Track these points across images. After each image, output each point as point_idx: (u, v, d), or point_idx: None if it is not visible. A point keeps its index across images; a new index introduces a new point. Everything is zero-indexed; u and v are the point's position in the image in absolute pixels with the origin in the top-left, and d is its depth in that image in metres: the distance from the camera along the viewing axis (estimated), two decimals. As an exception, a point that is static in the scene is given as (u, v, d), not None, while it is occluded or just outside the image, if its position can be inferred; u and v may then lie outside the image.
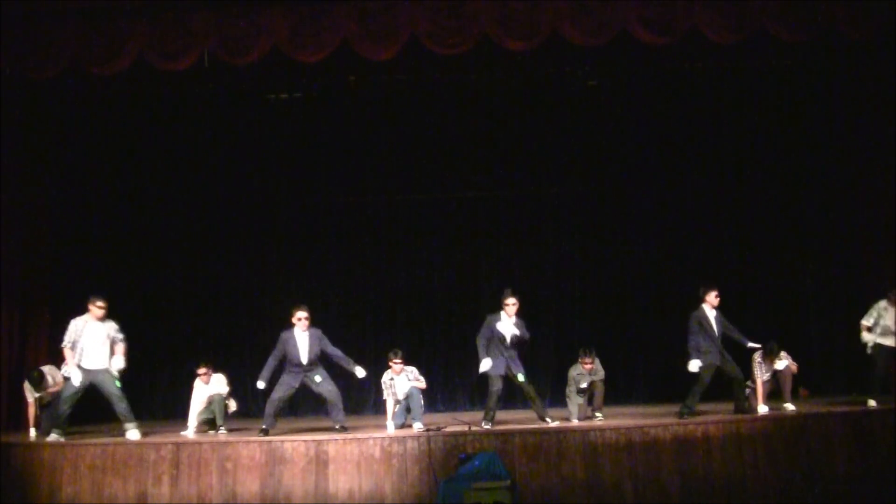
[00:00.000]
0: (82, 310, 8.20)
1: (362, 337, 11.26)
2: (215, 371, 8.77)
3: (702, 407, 8.45)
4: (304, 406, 10.52)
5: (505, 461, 7.21)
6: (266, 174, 11.49)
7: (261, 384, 8.17)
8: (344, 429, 7.98)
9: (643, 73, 10.52)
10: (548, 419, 8.10)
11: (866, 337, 8.66)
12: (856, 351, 8.85)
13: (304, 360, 8.11)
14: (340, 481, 7.43)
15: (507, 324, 8.21)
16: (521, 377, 8.20)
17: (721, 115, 11.13)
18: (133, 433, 7.95)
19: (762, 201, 11.23)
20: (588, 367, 8.56)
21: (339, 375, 11.11)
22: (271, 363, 8.17)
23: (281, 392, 8.16)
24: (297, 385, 8.18)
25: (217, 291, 11.38)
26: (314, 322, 8.40)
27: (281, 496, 7.41)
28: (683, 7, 8.29)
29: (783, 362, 8.44)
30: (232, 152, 11.37)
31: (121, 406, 8.05)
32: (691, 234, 11.29)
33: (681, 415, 8.06)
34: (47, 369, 8.77)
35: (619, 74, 10.69)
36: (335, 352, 8.30)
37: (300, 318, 8.18)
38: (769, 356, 8.47)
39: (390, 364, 8.33)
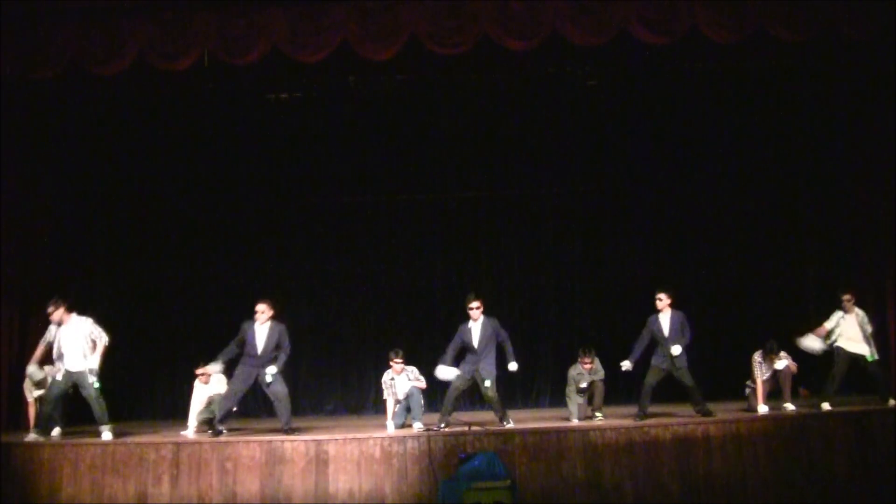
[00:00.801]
0: (81, 310, 8.26)
1: (362, 337, 11.27)
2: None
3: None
4: (303, 406, 10.52)
5: (505, 461, 7.19)
6: (266, 174, 11.47)
7: (214, 367, 8.20)
8: (291, 430, 7.95)
9: (643, 73, 10.51)
10: (505, 422, 8.07)
11: (810, 343, 8.47)
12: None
13: (258, 351, 8.12)
14: (340, 481, 7.44)
15: (474, 328, 8.20)
16: (487, 383, 8.07)
17: (721, 115, 11.11)
18: (106, 434, 7.95)
19: (762, 201, 11.21)
20: (588, 366, 8.56)
21: (335, 375, 11.20)
22: (231, 348, 8.18)
23: (235, 385, 8.13)
24: (251, 382, 8.13)
25: (217, 291, 11.35)
26: (314, 321, 8.39)
27: (281, 496, 7.41)
28: (683, 7, 8.28)
29: (783, 362, 8.43)
30: (232, 152, 11.34)
31: (96, 407, 8.06)
32: (691, 234, 11.28)
33: (637, 417, 8.04)
34: (48, 369, 8.78)
35: (619, 74, 10.68)
36: (285, 348, 8.22)
37: (257, 310, 8.21)
38: (769, 356, 8.48)
39: (391, 364, 8.34)
